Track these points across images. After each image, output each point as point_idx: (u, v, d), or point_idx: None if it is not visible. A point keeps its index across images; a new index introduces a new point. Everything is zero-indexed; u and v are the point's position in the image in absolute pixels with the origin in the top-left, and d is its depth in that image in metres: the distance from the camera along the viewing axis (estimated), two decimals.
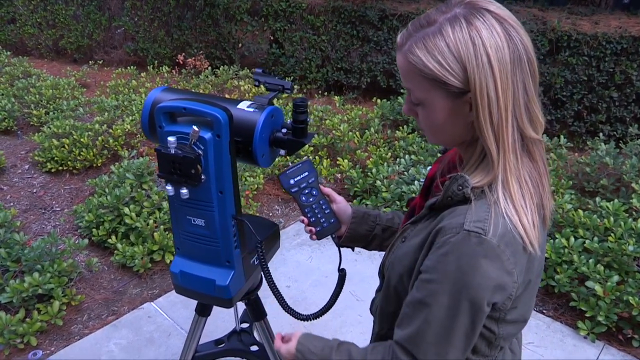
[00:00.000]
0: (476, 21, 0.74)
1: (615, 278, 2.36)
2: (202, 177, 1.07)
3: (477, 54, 0.73)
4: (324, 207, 1.09)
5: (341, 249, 1.14)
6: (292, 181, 1.08)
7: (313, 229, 1.08)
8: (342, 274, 1.16)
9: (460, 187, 0.77)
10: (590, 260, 2.46)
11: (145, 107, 1.19)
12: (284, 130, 1.14)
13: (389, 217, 1.15)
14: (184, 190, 1.09)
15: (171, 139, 1.04)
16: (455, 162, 0.90)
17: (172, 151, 1.04)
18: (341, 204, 1.13)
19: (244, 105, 1.13)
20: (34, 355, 2.23)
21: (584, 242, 2.56)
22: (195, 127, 1.02)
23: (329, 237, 1.12)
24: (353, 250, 1.18)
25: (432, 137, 0.86)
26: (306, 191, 1.08)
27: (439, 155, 1.03)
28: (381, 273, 0.96)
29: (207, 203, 1.11)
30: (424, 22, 0.78)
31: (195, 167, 1.04)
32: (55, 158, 3.78)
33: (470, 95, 0.75)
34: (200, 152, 1.05)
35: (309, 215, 1.08)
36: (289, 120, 1.15)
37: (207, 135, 1.04)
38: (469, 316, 0.74)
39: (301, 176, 1.09)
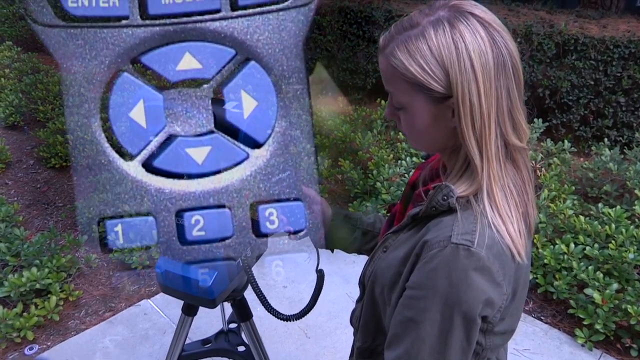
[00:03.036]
0: (460, 25, 0.72)
1: (615, 286, 2.33)
2: None
3: (460, 58, 0.71)
4: None
5: (320, 250, 1.13)
6: None
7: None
8: (320, 274, 1.15)
9: (445, 197, 0.75)
10: (590, 267, 2.42)
11: None
12: None
13: (370, 221, 1.14)
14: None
15: None
16: (439, 169, 0.87)
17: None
18: (322, 205, 1.12)
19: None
20: (30, 350, 2.25)
21: (584, 249, 2.53)
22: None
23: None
24: (332, 252, 1.17)
25: (414, 143, 0.84)
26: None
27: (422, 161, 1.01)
28: (362, 283, 0.94)
29: None
30: (407, 24, 0.76)
31: None
32: (60, 154, 3.82)
33: (453, 101, 0.73)
34: None
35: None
36: None
37: None
38: (463, 331, 0.72)
39: None
